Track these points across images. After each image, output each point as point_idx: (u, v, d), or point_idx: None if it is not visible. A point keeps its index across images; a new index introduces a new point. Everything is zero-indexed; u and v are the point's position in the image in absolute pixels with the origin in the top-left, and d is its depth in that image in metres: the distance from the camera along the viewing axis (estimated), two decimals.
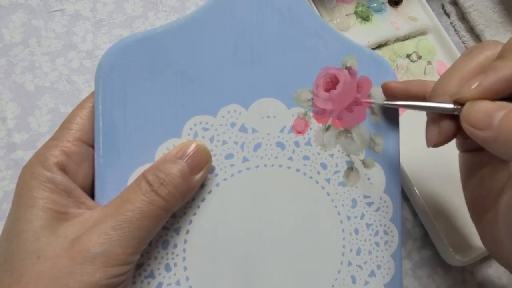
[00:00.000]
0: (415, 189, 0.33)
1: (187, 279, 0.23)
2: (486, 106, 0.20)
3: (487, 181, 0.24)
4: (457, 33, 0.43)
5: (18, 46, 0.35)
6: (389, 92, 0.25)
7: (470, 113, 0.20)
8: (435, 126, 0.22)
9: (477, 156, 0.25)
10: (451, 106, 0.21)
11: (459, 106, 0.21)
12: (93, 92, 0.22)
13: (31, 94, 0.34)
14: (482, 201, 0.24)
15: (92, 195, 0.22)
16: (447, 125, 0.22)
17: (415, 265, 0.34)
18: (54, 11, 0.36)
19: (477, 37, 0.42)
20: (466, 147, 0.26)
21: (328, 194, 0.26)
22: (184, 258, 0.23)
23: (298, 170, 0.25)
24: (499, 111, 0.19)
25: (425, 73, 0.39)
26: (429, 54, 0.40)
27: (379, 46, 0.39)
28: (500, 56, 0.20)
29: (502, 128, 0.19)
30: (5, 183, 0.32)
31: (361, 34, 0.38)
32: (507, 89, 0.20)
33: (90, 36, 0.36)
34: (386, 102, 0.25)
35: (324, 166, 0.26)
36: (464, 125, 0.20)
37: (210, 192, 0.23)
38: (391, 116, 0.27)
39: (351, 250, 0.26)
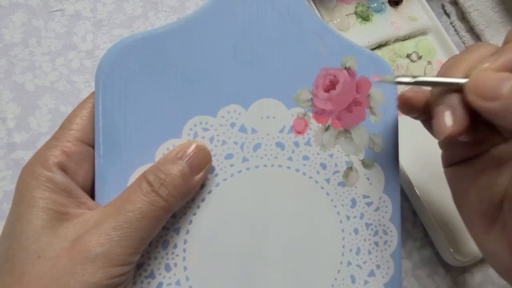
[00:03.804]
0: (415, 189, 0.33)
1: (187, 279, 0.23)
2: (494, 75, 0.18)
3: (486, 191, 0.22)
4: (457, 33, 0.43)
5: (18, 46, 0.35)
6: (408, 104, 0.24)
7: (477, 83, 0.19)
8: (448, 114, 0.20)
9: (468, 167, 0.23)
10: (465, 80, 0.20)
11: None
12: (93, 92, 0.22)
13: (31, 94, 0.34)
14: (485, 214, 0.22)
15: (92, 195, 0.22)
16: (462, 112, 0.20)
17: (415, 265, 0.34)
18: (54, 11, 0.36)
19: (477, 37, 0.42)
20: (452, 160, 0.24)
21: (327, 194, 0.26)
22: (184, 258, 0.23)
23: (297, 170, 0.25)
24: (508, 80, 0.18)
25: (425, 73, 0.39)
26: (429, 54, 0.40)
27: (379, 46, 0.39)
28: (508, 41, 0.20)
29: None
30: (5, 183, 0.32)
31: (361, 34, 0.38)
32: None
33: (90, 36, 0.36)
34: (397, 79, 0.22)
35: (323, 166, 0.26)
36: (471, 97, 0.19)
37: (210, 192, 0.23)
38: (390, 117, 0.27)
39: (350, 250, 0.26)
